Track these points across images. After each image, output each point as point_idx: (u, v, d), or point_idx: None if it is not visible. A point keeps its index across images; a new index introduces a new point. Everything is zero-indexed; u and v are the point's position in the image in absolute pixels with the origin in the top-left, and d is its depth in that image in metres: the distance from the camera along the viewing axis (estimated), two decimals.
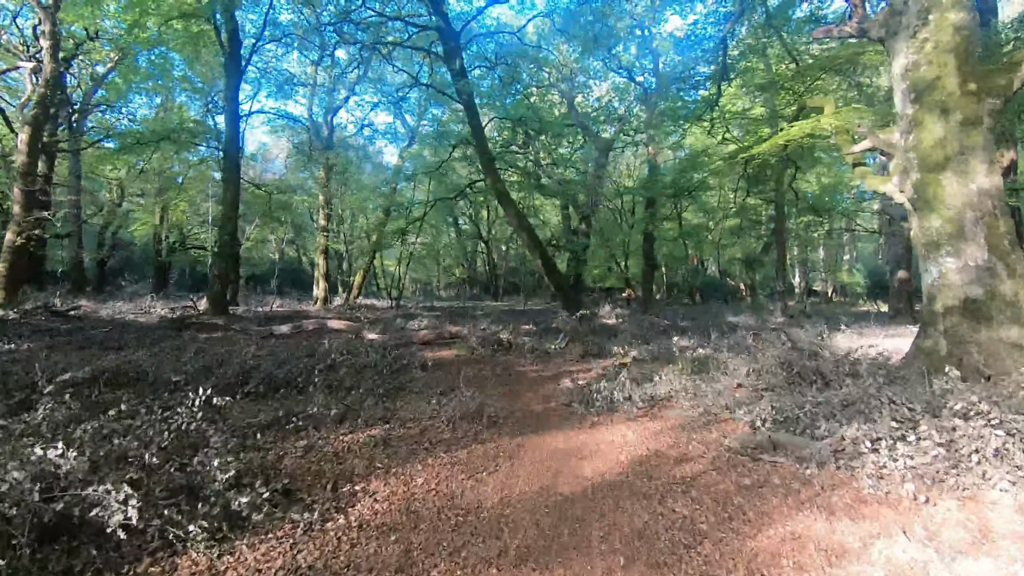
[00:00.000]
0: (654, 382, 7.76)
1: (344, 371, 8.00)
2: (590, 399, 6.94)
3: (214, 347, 10.46)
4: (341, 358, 8.75)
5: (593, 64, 25.66)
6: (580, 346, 12.67)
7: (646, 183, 21.65)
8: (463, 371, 9.42)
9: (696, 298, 31.56)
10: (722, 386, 7.82)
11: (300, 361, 8.05)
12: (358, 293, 24.53)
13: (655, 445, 5.42)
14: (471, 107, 17.58)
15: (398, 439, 5.40)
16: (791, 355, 8.69)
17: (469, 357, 11.08)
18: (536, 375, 9.30)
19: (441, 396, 7.06)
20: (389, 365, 8.70)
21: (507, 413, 6.61)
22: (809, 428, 5.41)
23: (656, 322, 18.06)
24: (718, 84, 14.52)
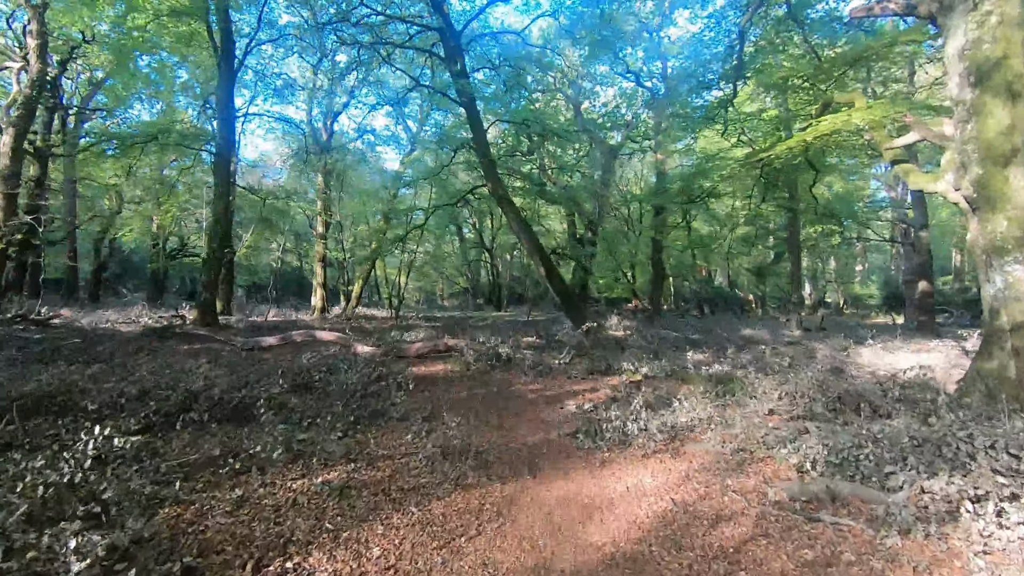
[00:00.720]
0: (672, 408, 6.60)
1: (315, 393, 6.89)
2: (598, 429, 5.79)
3: (182, 361, 9.38)
4: (316, 376, 7.65)
5: (599, 69, 24.68)
6: (586, 361, 11.53)
7: (654, 190, 20.55)
8: (454, 392, 8.30)
9: (705, 310, 30.30)
10: (752, 412, 6.67)
11: (265, 380, 6.94)
12: (357, 303, 23.46)
13: (682, 495, 4.27)
14: (472, 109, 16.57)
15: (361, 485, 4.27)
16: (829, 376, 7.52)
17: (463, 373, 9.95)
18: (537, 396, 8.16)
19: (424, 424, 5.93)
20: (369, 385, 7.58)
21: (499, 447, 5.48)
22: (875, 475, 4.25)
23: (666, 335, 16.88)
24: (733, 82, 13.44)
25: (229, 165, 16.25)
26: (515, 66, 18.37)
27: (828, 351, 14.01)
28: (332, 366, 8.35)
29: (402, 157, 24.32)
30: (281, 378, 7.19)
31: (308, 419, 5.69)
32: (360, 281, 23.85)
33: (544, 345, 14.23)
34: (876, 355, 13.25)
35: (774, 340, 17.37)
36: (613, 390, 8.41)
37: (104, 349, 11.43)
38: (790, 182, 17.58)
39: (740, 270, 34.07)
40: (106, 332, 14.04)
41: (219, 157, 16.08)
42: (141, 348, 11.93)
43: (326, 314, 22.43)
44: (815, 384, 7.00)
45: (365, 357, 10.17)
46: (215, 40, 15.90)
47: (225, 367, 8.02)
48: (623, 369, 10.38)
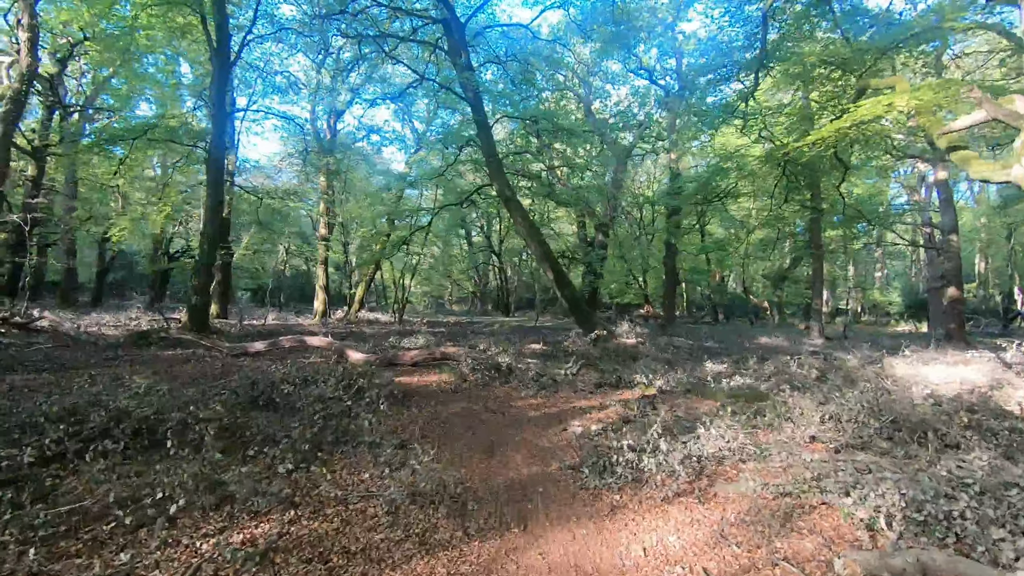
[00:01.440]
0: (696, 433, 5.49)
1: (278, 410, 5.89)
2: (608, 462, 4.70)
3: (144, 370, 8.42)
4: (285, 389, 6.64)
5: (611, 67, 23.68)
6: (594, 373, 10.44)
7: (669, 191, 19.44)
8: (443, 408, 7.24)
9: (718, 316, 29.04)
10: (790, 440, 5.55)
11: (219, 395, 5.94)
12: (360, 307, 22.52)
13: (717, 564, 3.18)
14: (477, 104, 15.61)
15: (294, 545, 3.23)
16: (877, 394, 6.36)
17: (458, 386, 8.90)
18: (538, 414, 7.08)
19: (398, 453, 4.89)
20: (343, 400, 6.55)
21: (485, 485, 4.42)
22: (979, 541, 3.13)
23: (680, 343, 15.74)
24: (756, 72, 12.33)
25: (222, 163, 15.37)
26: (523, 61, 17.39)
27: (857, 362, 12.81)
28: (307, 377, 7.34)
29: (407, 158, 23.42)
30: (239, 391, 6.19)
31: (256, 446, 4.66)
32: (363, 285, 22.91)
33: (550, 354, 13.16)
34: (912, 367, 11.99)
35: (796, 349, 16.16)
36: (625, 407, 7.32)
37: (77, 356, 10.58)
38: (812, 182, 16.41)
39: (755, 276, 32.75)
40: (89, 337, 13.16)
41: (212, 154, 15.23)
42: (116, 356, 11.04)
43: (327, 318, 21.51)
44: (863, 405, 5.86)
45: (352, 365, 9.16)
46: (209, 33, 15.05)
47: (178, 377, 7.01)
48: (635, 382, 9.29)
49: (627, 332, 17.25)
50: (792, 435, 5.64)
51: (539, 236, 16.16)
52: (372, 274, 23.05)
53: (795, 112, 13.92)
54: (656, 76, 21.60)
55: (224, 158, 15.66)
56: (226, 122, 15.77)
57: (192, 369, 9.59)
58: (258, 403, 6.17)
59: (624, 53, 21.52)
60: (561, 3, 16.88)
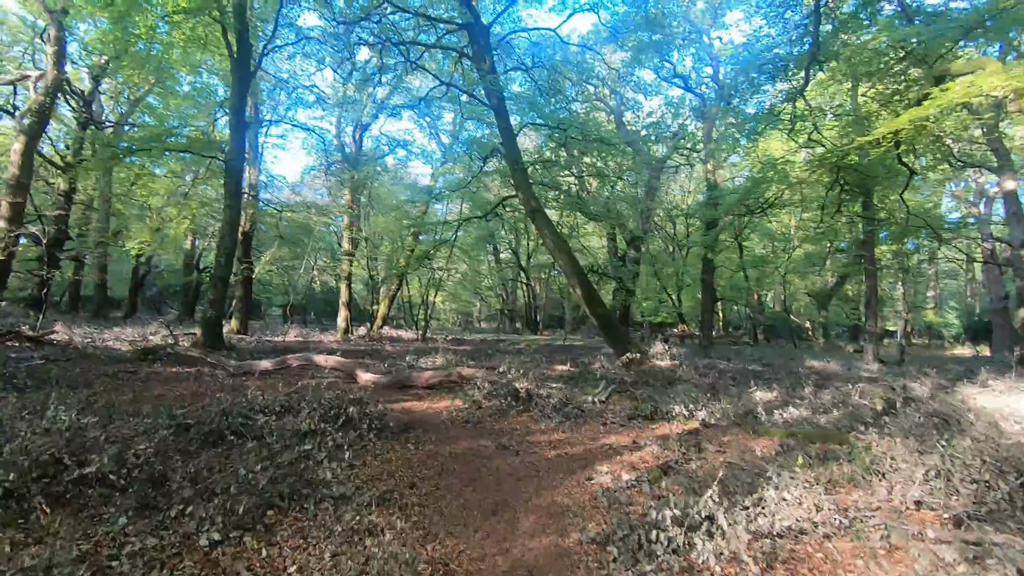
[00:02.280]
0: (759, 492, 4.15)
1: (235, 448, 4.80)
2: (644, 536, 3.42)
3: (124, 390, 7.51)
4: (260, 420, 5.57)
5: (644, 77, 22.48)
6: (627, 400, 9.12)
7: (707, 202, 18.02)
8: (447, 444, 6.06)
9: (758, 337, 27.15)
10: (886, 504, 4.17)
11: (169, 428, 4.89)
12: (382, 323, 21.62)
13: None
14: (501, 110, 14.63)
15: None
16: (992, 440, 4.89)
17: (469, 414, 7.70)
18: (557, 454, 5.82)
19: (367, 514, 3.71)
20: (328, 433, 5.45)
21: (476, 569, 3.19)
22: None
23: (722, 366, 14.22)
24: (807, 69, 10.96)
25: (241, 174, 14.73)
26: (551, 69, 16.40)
27: (927, 392, 11.16)
28: (291, 404, 6.26)
29: (433, 171, 22.61)
30: (203, 423, 5.15)
31: (185, 503, 3.54)
32: (386, 301, 22.03)
33: (578, 377, 11.87)
34: (997, 399, 10.26)
35: (851, 375, 14.44)
36: (663, 447, 6.00)
37: (68, 372, 9.81)
38: (865, 191, 14.80)
39: (798, 294, 30.69)
40: (97, 351, 12.48)
41: (230, 165, 14.60)
42: (117, 372, 10.25)
43: (350, 335, 20.66)
44: (982, 457, 4.43)
45: (344, 391, 8.08)
46: (229, 43, 14.52)
47: (144, 401, 6.01)
48: (674, 413, 7.94)
49: (662, 353, 15.81)
50: (887, 497, 4.25)
51: (567, 249, 14.96)
52: (396, 290, 22.17)
53: (848, 112, 12.41)
54: (692, 84, 20.31)
55: (243, 169, 15.03)
56: (245, 132, 15.13)
57: (178, 390, 8.68)
58: (218, 439, 5.09)
59: (657, 61, 20.35)
60: (591, 6, 15.84)
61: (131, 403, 7.21)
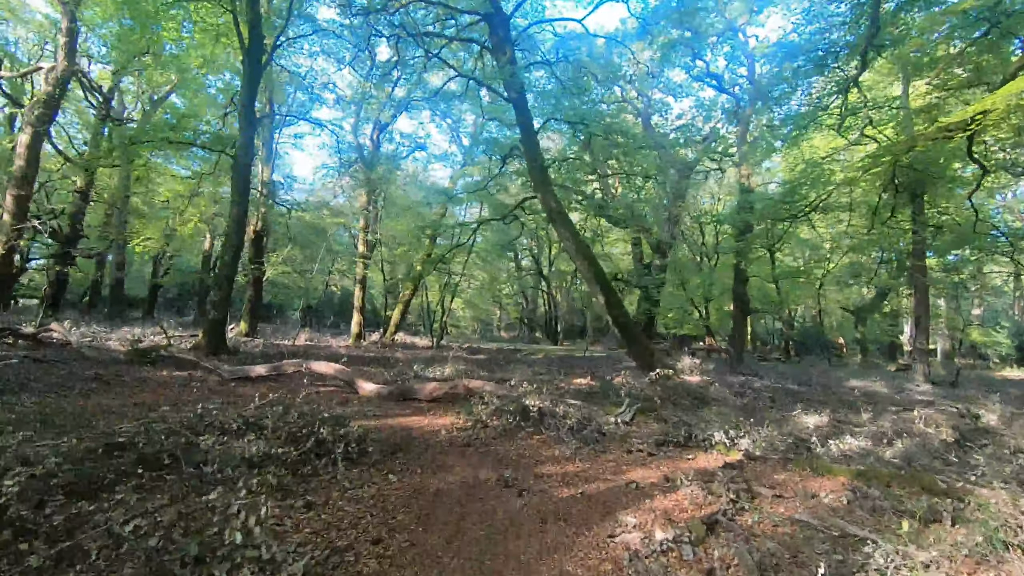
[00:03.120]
0: (851, 569, 2.92)
1: (142, 490, 3.75)
2: None
3: (96, 396, 6.57)
4: (206, 442, 4.51)
5: (674, 78, 21.25)
6: (654, 422, 7.87)
7: (739, 207, 16.66)
8: (437, 476, 4.92)
9: (791, 353, 25.42)
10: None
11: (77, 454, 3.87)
12: (396, 329, 20.61)
13: None
14: (521, 105, 13.61)
15: None
16: None
17: (472, 435, 6.56)
18: (571, 494, 4.64)
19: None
20: (294, 459, 4.38)
21: None
22: None
23: (757, 384, 12.81)
24: (863, 54, 9.65)
25: (249, 169, 13.92)
26: (576, 63, 15.30)
27: (995, 419, 9.71)
28: (256, 421, 5.20)
29: (452, 174, 21.62)
30: (130, 446, 4.12)
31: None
32: (400, 306, 21.02)
33: (598, 392, 10.62)
34: None
35: (902, 398, 12.91)
36: (704, 487, 4.77)
37: (55, 376, 8.97)
38: (917, 194, 13.32)
39: (832, 308, 28.85)
40: (93, 352, 11.66)
41: (238, 160, 13.81)
42: (103, 376, 9.38)
43: (362, 341, 19.69)
44: None
45: (313, 407, 7.04)
46: (240, 34, 13.78)
47: (86, 416, 5.02)
48: (712, 440, 6.68)
49: (690, 368, 14.46)
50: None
51: (589, 254, 13.78)
52: (411, 296, 21.17)
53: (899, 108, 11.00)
54: (725, 84, 19.02)
55: (251, 164, 14.22)
56: (255, 126, 14.36)
57: (158, 397, 7.75)
58: (153, 464, 4.05)
59: (689, 60, 19.12)
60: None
61: (88, 413, 6.27)
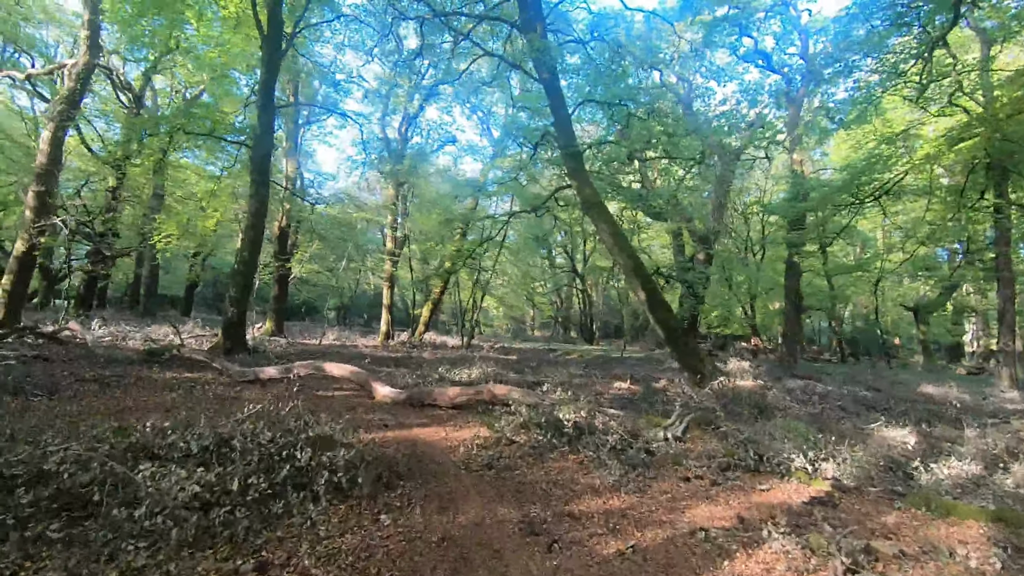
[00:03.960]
0: None
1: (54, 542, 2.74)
2: None
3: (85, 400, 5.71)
4: (144, 471, 3.50)
5: (716, 60, 19.66)
6: (711, 437, 6.56)
7: (793, 196, 15.05)
8: (440, 516, 3.79)
9: (845, 354, 23.41)
10: None
11: None
12: (425, 328, 19.67)
13: None
14: (553, 87, 12.41)
15: None
16: None
17: (493, 454, 5.42)
18: (617, 552, 3.43)
19: None
20: (240, 501, 3.33)
21: None
22: None
23: (820, 391, 11.24)
24: (956, 4, 8.09)
25: (267, 159, 13.15)
26: (612, 43, 14.01)
27: None
28: (226, 439, 4.19)
29: (483, 166, 20.53)
30: (54, 476, 3.14)
31: None
32: (429, 304, 20.06)
33: (641, 399, 9.35)
34: None
35: (990, 406, 11.16)
36: (798, 538, 3.50)
37: (51, 377, 8.27)
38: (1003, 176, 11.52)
39: (888, 306, 26.57)
40: (106, 353, 10.99)
41: (256, 150, 13.07)
42: (104, 377, 8.65)
43: (390, 340, 18.82)
44: None
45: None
46: (259, 18, 13.01)
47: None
48: (789, 465, 5.36)
49: (742, 371, 12.98)
50: None
51: (628, 247, 12.48)
52: (440, 293, 20.20)
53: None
54: (774, 64, 17.38)
55: (270, 154, 13.46)
56: (274, 115, 13.60)
57: (153, 401, 6.92)
58: (76, 504, 3.05)
59: (734, 39, 17.56)
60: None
61: (53, 422, 5.41)
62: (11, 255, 13.50)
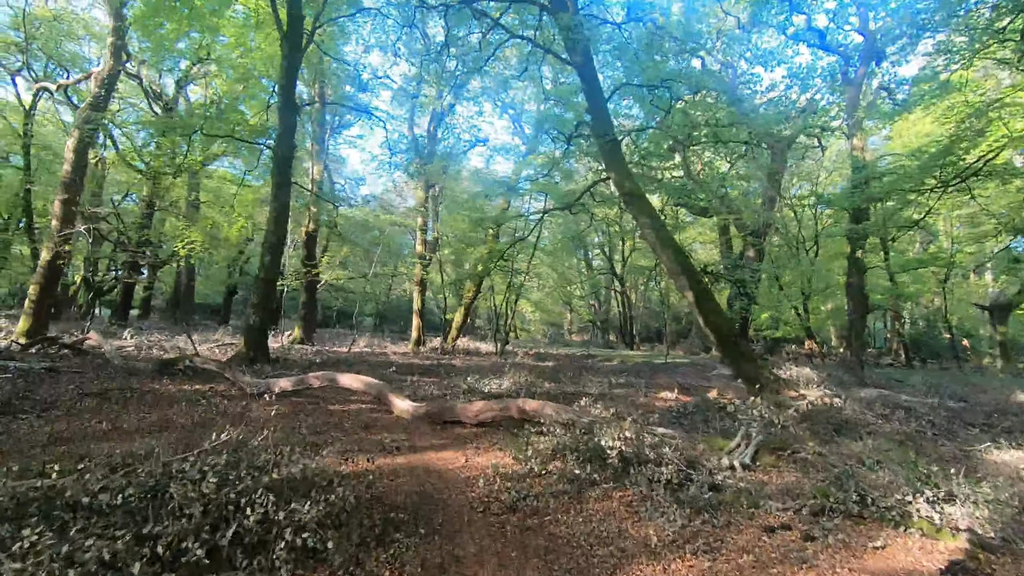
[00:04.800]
0: None
1: None
2: None
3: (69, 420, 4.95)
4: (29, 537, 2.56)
5: (762, 44, 18.13)
6: (788, 466, 5.28)
7: (855, 184, 13.43)
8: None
9: (909, 358, 21.24)
10: None
11: None
12: (458, 334, 18.75)
13: None
14: (587, 71, 11.30)
15: None
16: None
17: (518, 490, 4.30)
18: None
19: None
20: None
21: None
22: None
23: (903, 403, 9.65)
24: None
25: (289, 160, 12.46)
26: (651, 22, 12.80)
27: None
28: (163, 483, 3.23)
29: (515, 164, 19.52)
30: None
31: None
32: (462, 309, 19.12)
33: (694, 413, 8.06)
34: None
35: None
36: None
37: (53, 391, 7.68)
38: None
39: (956, 304, 24.13)
40: (120, 363, 10.38)
41: (278, 151, 12.40)
42: (106, 390, 7.98)
43: (421, 347, 17.95)
44: None
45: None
46: (278, 14, 12.38)
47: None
48: (904, 510, 4.06)
49: (805, 379, 11.47)
50: None
51: (673, 243, 11.19)
52: (472, 297, 19.25)
53: None
54: (830, 43, 15.77)
55: (292, 155, 12.76)
56: (295, 115, 12.89)
57: (150, 419, 6.14)
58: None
59: (783, 18, 16.04)
60: None
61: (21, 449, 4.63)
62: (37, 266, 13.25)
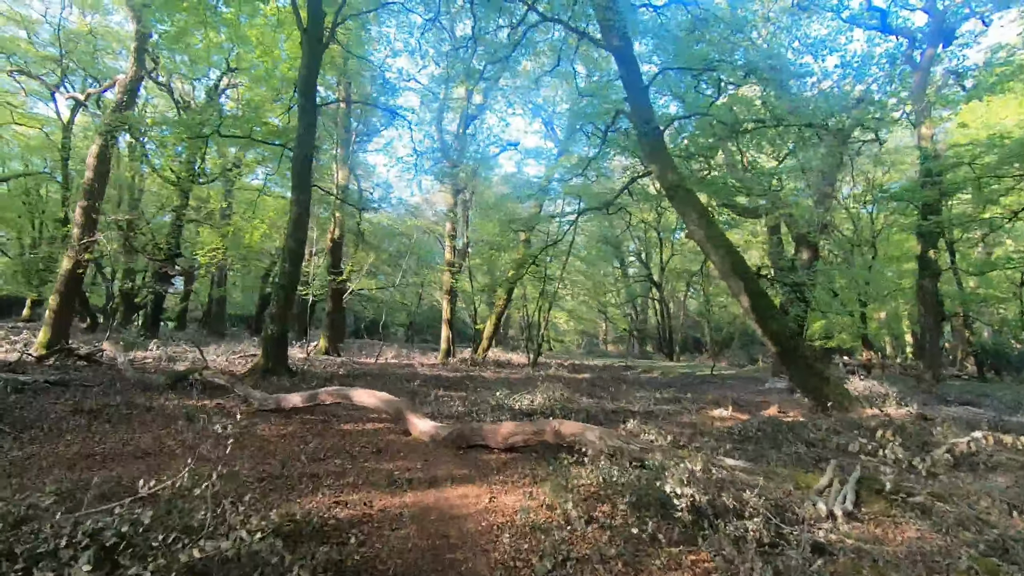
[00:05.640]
0: None
1: None
2: None
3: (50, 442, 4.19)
4: None
5: (812, 32, 16.73)
6: (907, 515, 4.04)
7: (925, 176, 11.94)
8: None
9: (983, 370, 19.18)
10: None
11: None
12: (488, 344, 17.75)
13: None
14: (624, 56, 10.31)
15: None
16: None
17: (553, 551, 3.21)
18: None
19: None
20: None
21: None
22: None
23: (1003, 421, 8.13)
24: None
25: (309, 162, 11.78)
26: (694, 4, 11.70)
27: None
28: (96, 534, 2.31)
29: (547, 168, 18.51)
30: None
31: None
32: (493, 318, 18.12)
33: (757, 437, 6.81)
34: None
35: None
36: None
37: (43, 407, 7.04)
38: None
39: None
40: (131, 375, 9.74)
41: (297, 152, 11.74)
42: (103, 407, 7.28)
43: (450, 358, 17.01)
44: None
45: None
46: (298, 10, 11.79)
47: None
48: None
49: (878, 395, 10.00)
50: None
51: (724, 240, 10.00)
52: (504, 306, 18.24)
53: None
54: (892, 23, 14.32)
55: (311, 157, 12.10)
56: (315, 115, 12.24)
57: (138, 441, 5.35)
58: None
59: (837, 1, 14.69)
60: None
61: None
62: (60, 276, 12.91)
